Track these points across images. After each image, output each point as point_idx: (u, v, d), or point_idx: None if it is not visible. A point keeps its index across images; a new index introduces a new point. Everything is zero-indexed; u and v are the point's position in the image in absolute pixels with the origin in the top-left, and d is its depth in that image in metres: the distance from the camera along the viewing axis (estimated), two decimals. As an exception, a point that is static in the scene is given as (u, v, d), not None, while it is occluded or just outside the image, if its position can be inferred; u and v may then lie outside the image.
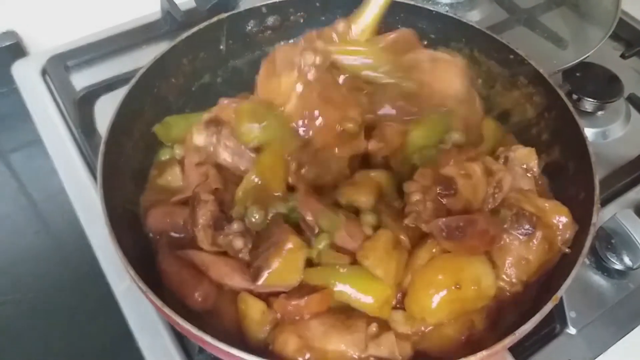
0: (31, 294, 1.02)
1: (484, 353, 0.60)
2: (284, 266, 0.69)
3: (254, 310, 0.69)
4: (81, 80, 1.10)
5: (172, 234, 0.78)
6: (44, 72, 1.15)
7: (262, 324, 0.69)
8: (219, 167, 0.81)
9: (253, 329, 0.69)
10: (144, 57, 0.87)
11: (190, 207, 0.73)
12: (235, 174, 0.80)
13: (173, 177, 0.85)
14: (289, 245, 0.69)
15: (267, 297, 0.70)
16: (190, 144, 0.83)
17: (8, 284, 1.03)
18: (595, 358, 0.83)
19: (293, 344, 0.66)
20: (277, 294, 0.70)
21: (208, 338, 0.60)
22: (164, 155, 0.88)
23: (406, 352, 0.69)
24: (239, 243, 0.71)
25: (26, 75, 1.15)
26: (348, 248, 0.72)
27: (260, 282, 0.68)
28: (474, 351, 0.60)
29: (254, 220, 0.73)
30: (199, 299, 0.70)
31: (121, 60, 1.16)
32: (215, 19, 0.93)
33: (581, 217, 0.74)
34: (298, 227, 0.74)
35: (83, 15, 1.22)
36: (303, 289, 0.69)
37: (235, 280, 0.71)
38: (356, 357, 0.67)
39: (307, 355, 0.66)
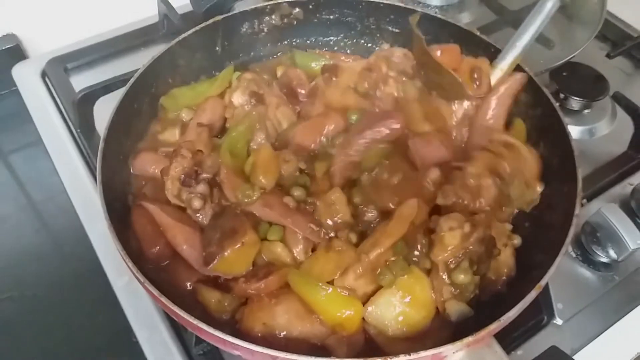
0: (32, 291, 1.03)
1: (470, 339, 0.62)
2: (235, 256, 0.72)
3: (208, 300, 0.73)
4: (80, 81, 1.12)
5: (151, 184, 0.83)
6: (43, 74, 1.17)
7: (220, 310, 0.73)
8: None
9: (215, 315, 0.73)
10: (141, 60, 0.90)
11: (170, 158, 0.78)
12: None
13: (171, 136, 0.90)
14: (245, 238, 0.72)
15: (226, 283, 0.74)
16: (217, 102, 0.91)
17: (9, 281, 1.04)
18: (582, 348, 0.86)
19: (258, 332, 0.69)
20: (234, 280, 0.73)
21: (204, 326, 0.62)
22: (172, 114, 0.93)
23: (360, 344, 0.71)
24: (197, 203, 0.75)
25: (26, 77, 1.18)
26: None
27: (210, 266, 0.72)
28: (460, 337, 0.63)
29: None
30: (154, 256, 0.75)
31: (119, 63, 1.18)
32: (210, 21, 0.95)
33: (565, 209, 0.76)
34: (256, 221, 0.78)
35: (82, 18, 1.24)
36: (260, 271, 0.73)
37: (185, 252, 0.75)
38: (318, 344, 0.70)
39: (271, 339, 0.69)
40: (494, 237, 0.74)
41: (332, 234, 0.76)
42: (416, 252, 0.74)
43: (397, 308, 0.71)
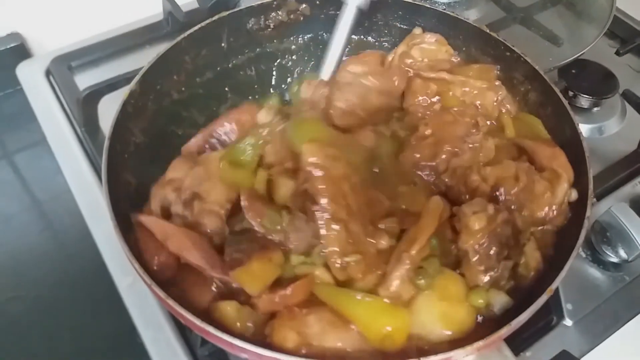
0: (36, 291, 1.04)
1: (480, 343, 0.61)
2: (259, 270, 0.68)
3: (228, 311, 0.68)
4: (85, 80, 1.11)
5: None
6: (48, 73, 1.16)
7: (241, 321, 0.68)
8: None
9: (238, 328, 0.68)
10: (146, 57, 0.88)
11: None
12: None
13: None
14: (274, 256, 0.69)
15: (249, 300, 0.69)
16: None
17: (14, 281, 1.05)
18: (592, 349, 0.84)
19: (292, 341, 0.66)
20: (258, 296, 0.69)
21: (211, 329, 0.61)
22: None
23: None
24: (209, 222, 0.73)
25: (30, 76, 1.17)
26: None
27: (233, 272, 0.67)
28: (470, 342, 0.62)
29: None
30: (156, 267, 0.70)
31: (124, 61, 1.17)
32: (216, 17, 0.94)
33: (576, 210, 0.75)
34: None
35: (86, 16, 1.24)
36: (284, 282, 0.69)
37: (193, 256, 0.69)
38: (354, 353, 0.66)
39: (305, 351, 0.65)
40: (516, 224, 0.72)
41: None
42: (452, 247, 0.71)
43: (435, 311, 0.68)
